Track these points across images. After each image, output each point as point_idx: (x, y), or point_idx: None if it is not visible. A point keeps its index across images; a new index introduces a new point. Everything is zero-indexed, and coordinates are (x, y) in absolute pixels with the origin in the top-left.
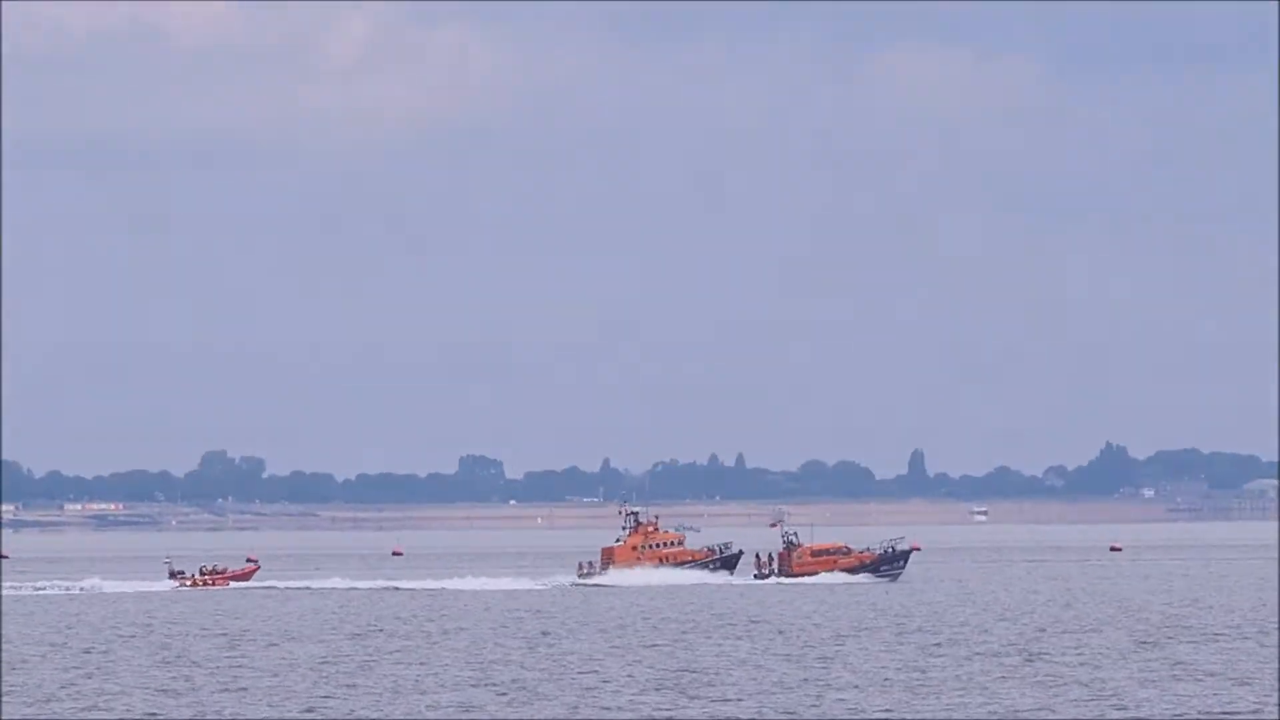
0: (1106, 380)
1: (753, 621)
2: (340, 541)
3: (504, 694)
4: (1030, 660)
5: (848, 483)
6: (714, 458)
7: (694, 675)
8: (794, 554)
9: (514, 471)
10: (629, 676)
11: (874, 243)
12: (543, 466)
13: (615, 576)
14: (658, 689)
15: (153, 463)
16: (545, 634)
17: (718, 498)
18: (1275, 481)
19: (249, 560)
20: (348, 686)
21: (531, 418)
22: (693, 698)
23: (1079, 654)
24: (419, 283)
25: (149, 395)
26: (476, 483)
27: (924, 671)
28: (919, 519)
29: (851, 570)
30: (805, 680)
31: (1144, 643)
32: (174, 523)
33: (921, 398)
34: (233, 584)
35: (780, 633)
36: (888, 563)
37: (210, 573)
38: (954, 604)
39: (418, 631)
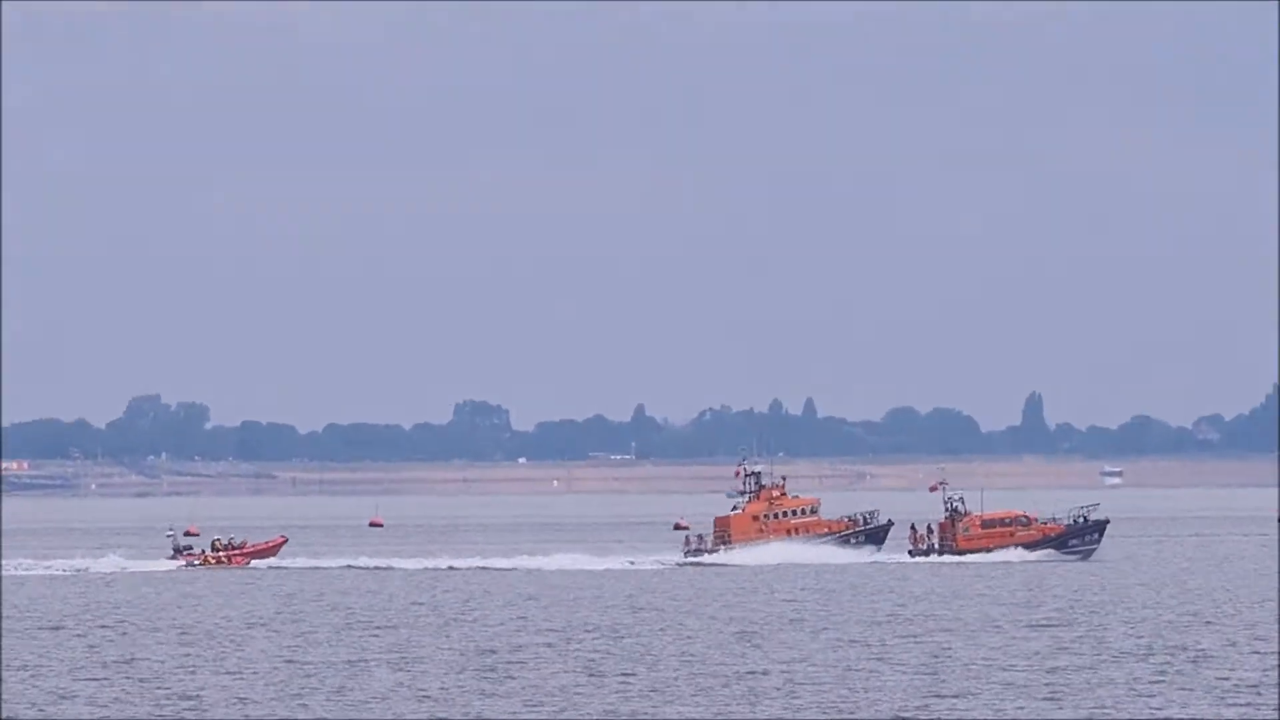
0: (1273, 307)
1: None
2: (304, 509)
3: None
4: None
5: (945, 435)
6: (776, 404)
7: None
8: (959, 525)
9: (523, 422)
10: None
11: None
12: (559, 415)
13: (737, 554)
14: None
15: (66, 410)
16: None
17: (781, 454)
18: None
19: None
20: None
21: (545, 356)
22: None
23: None
24: (403, 193)
25: (60, 324)
26: (476, 436)
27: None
28: (1035, 480)
29: (1031, 545)
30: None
31: None
32: (93, 486)
33: (1040, 331)
34: (253, 562)
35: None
36: (1078, 535)
37: (226, 548)
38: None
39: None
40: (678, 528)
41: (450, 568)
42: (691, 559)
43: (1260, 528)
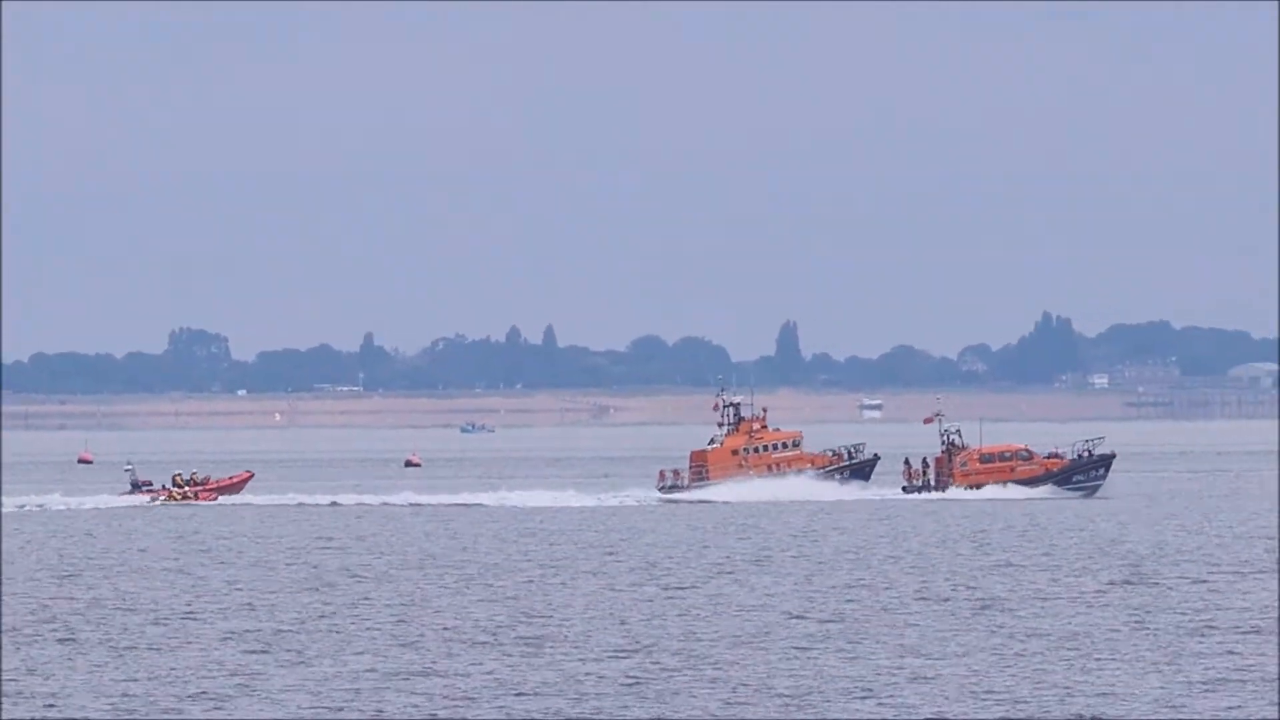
0: (1044, 236)
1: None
2: (7, 445)
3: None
4: None
5: (693, 366)
6: (514, 333)
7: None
8: (956, 459)
9: (243, 351)
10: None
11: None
12: (282, 345)
13: (716, 490)
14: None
15: None
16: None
17: (519, 386)
18: (1270, 365)
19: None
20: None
21: (266, 281)
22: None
23: None
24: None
25: None
26: (193, 366)
27: None
28: (789, 414)
29: (1032, 481)
30: None
31: None
32: None
33: (794, 258)
34: (221, 498)
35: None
36: (1082, 471)
37: (188, 483)
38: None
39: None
40: (409, 464)
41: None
42: (668, 495)
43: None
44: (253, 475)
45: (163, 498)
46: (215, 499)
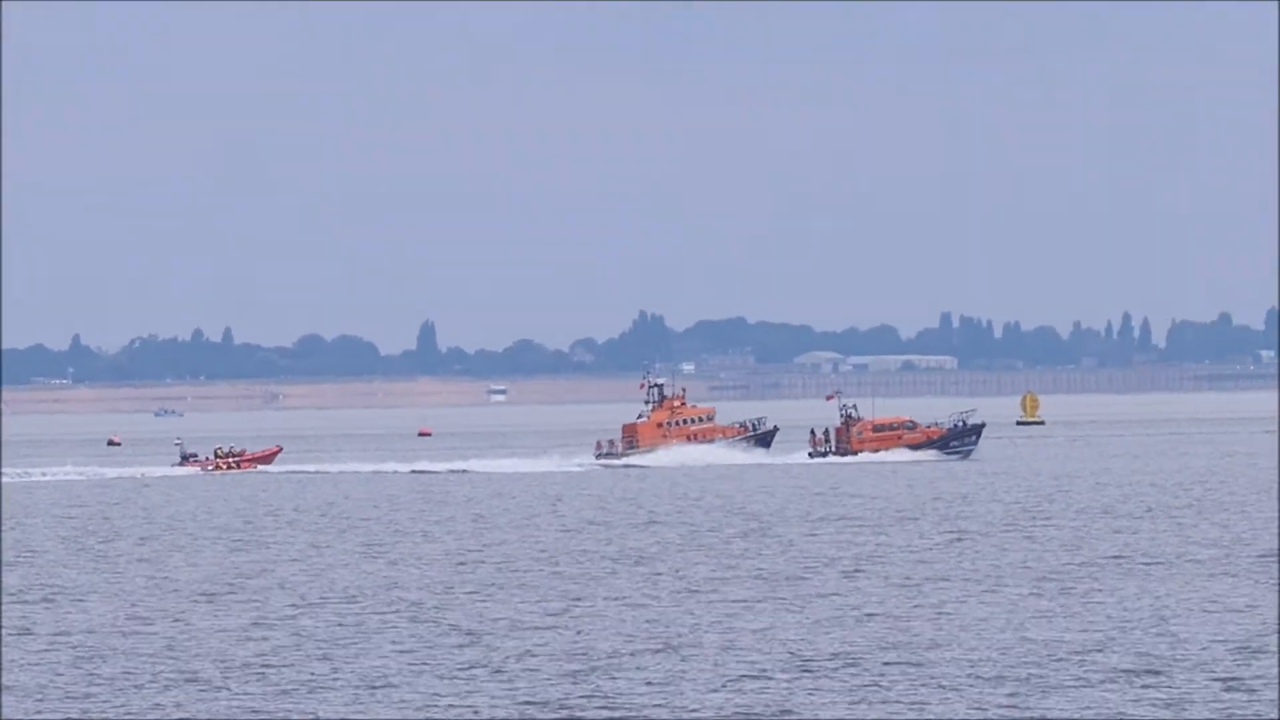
0: (641, 244)
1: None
2: None
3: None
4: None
5: (349, 359)
6: (198, 332)
7: None
8: (853, 429)
9: None
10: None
11: None
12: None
13: (644, 457)
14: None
15: None
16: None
17: (202, 377)
18: (830, 354)
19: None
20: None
21: None
22: None
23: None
24: None
25: None
26: None
27: None
28: (430, 399)
29: (916, 447)
30: None
31: None
32: None
33: (431, 262)
34: (260, 467)
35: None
36: (958, 438)
37: (227, 455)
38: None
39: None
40: (110, 443)
41: None
42: (605, 460)
43: None
44: (281, 449)
45: (211, 468)
46: (256, 468)
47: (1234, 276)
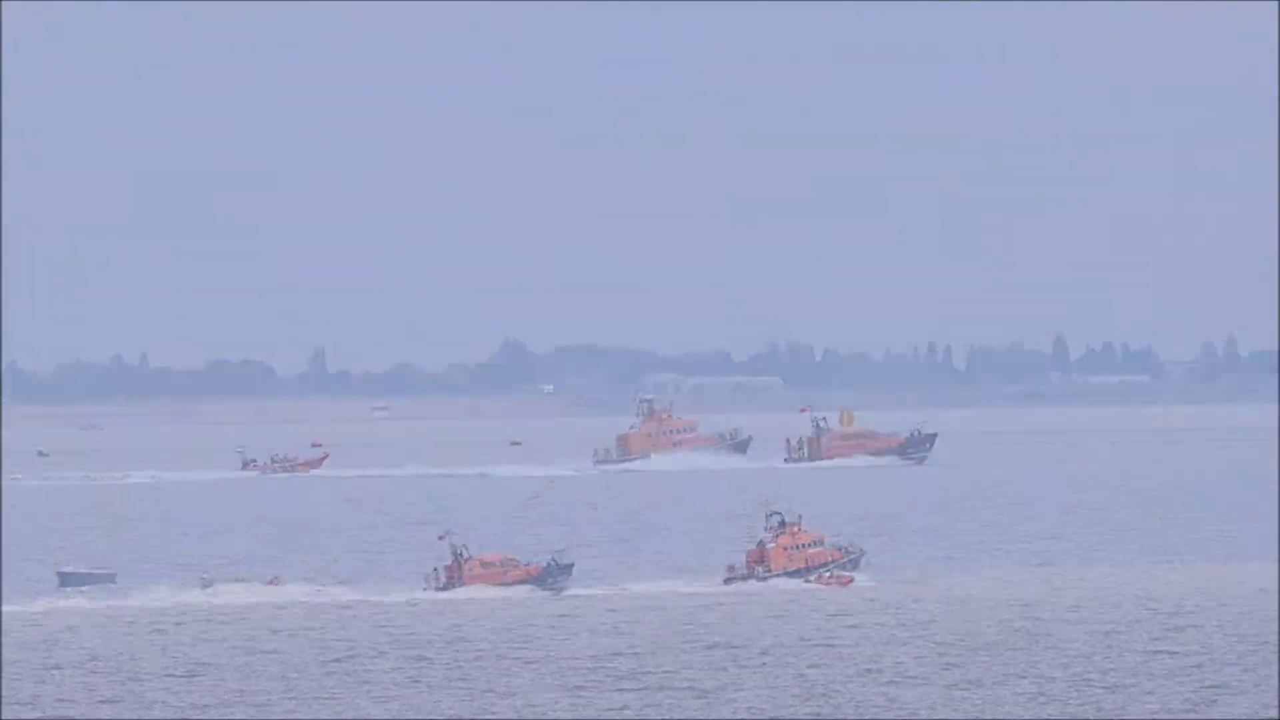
0: (507, 278)
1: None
2: None
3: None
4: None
5: (252, 381)
6: (118, 358)
7: None
8: (823, 438)
9: None
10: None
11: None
12: None
13: (636, 463)
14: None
15: None
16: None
17: (121, 397)
18: (672, 375)
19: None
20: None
21: None
22: None
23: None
24: None
25: None
26: None
27: None
28: (322, 416)
29: (879, 453)
30: None
31: None
32: None
33: (324, 294)
34: (312, 471)
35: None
36: (914, 446)
37: (282, 461)
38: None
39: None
40: (41, 454)
41: None
42: (603, 466)
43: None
44: (328, 456)
45: (270, 470)
46: (308, 472)
47: (1026, 309)
